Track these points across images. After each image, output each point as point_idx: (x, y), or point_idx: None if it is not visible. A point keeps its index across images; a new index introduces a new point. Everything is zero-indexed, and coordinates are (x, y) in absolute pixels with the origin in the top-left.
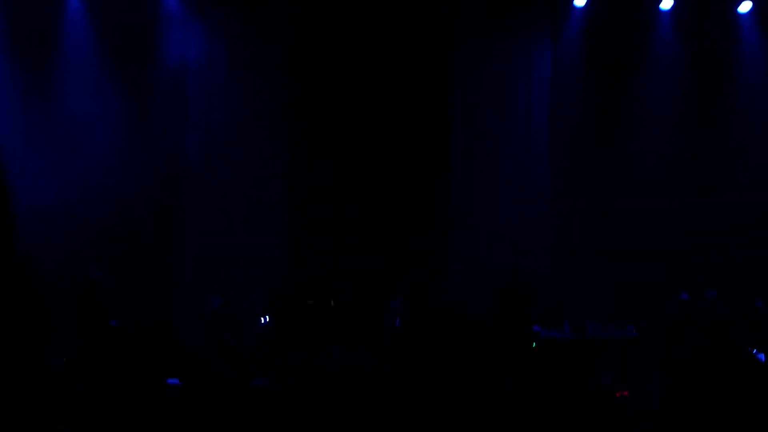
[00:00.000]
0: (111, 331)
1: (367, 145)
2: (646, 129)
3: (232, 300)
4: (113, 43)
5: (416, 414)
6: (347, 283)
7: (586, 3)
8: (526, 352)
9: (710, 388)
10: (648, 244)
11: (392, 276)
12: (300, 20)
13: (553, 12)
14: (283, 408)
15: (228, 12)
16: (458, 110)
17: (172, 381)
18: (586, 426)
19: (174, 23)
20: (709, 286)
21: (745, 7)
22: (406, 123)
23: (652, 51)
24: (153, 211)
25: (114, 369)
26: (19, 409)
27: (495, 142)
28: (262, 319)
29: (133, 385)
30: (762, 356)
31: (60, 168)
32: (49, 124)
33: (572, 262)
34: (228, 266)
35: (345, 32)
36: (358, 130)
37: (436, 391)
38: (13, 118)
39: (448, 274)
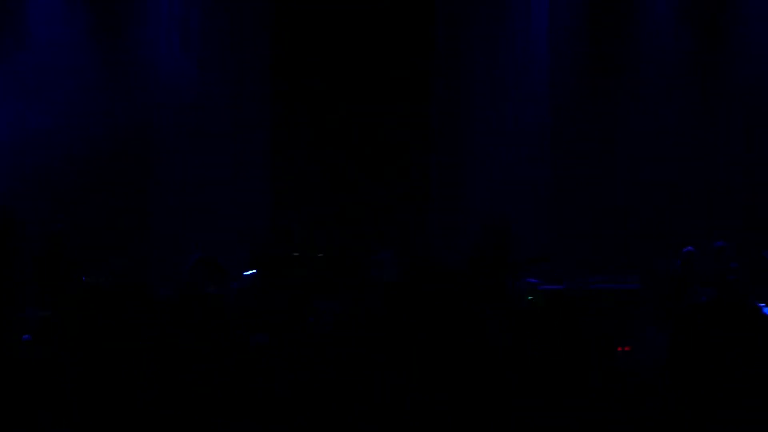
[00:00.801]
0: (81, 287)
1: (348, 93)
2: (651, 71)
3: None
4: None
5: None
6: (331, 234)
7: None
8: (506, 301)
9: (714, 343)
10: (653, 193)
11: (378, 227)
12: None
13: None
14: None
15: None
16: (443, 44)
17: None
18: (587, 382)
19: None
20: (716, 236)
21: None
22: (388, 64)
23: None
24: (125, 163)
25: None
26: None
27: (486, 81)
28: (246, 273)
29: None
30: None
31: (28, 118)
32: (18, 73)
33: (572, 209)
34: (207, 217)
35: None
36: (340, 77)
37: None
38: None
39: (434, 225)
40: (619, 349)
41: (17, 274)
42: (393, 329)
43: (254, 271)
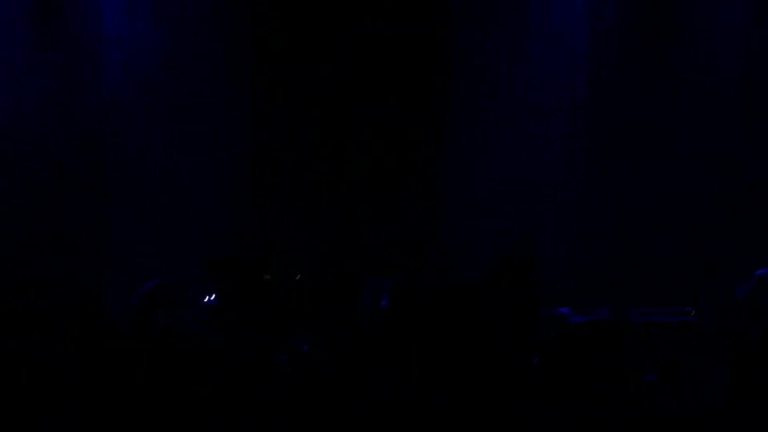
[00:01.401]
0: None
1: (346, 84)
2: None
3: (170, 274)
4: None
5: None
6: (316, 255)
7: None
8: (533, 335)
9: None
10: (714, 208)
11: (372, 248)
12: None
13: None
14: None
15: None
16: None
17: None
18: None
19: None
20: None
21: None
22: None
23: None
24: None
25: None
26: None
27: (508, 75)
28: (207, 296)
29: None
30: None
31: None
32: None
33: (612, 226)
34: (166, 228)
35: None
36: (333, 69)
37: (430, 389)
38: None
39: (441, 245)
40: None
41: None
42: (387, 372)
43: (212, 297)
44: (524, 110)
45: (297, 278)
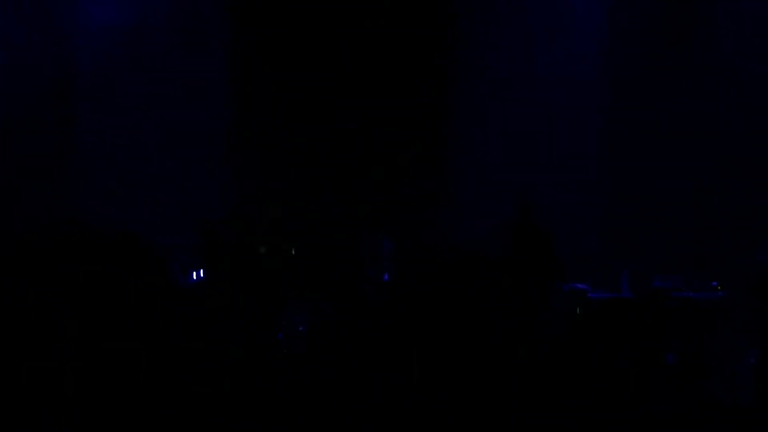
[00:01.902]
0: None
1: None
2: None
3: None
4: None
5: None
6: (313, 221)
7: None
8: (549, 314)
9: None
10: (738, 176)
11: (375, 211)
12: None
13: None
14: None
15: None
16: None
17: None
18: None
19: None
20: None
21: None
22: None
23: None
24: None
25: None
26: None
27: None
28: (194, 273)
29: None
30: None
31: None
32: None
33: (631, 196)
34: (148, 196)
35: None
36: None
37: (437, 372)
38: None
39: (451, 209)
40: None
41: None
42: (397, 352)
43: (201, 270)
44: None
45: (291, 250)
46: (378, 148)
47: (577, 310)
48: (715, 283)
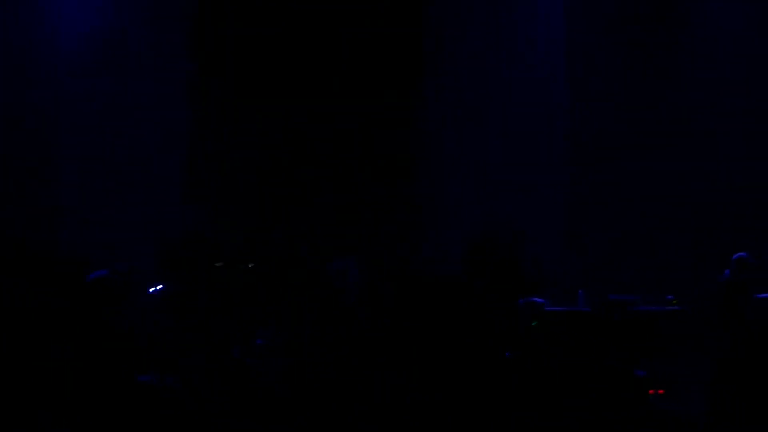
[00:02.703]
0: None
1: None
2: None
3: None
4: None
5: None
6: (274, 237)
7: None
8: (514, 327)
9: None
10: (695, 194)
11: (341, 228)
12: None
13: None
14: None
15: None
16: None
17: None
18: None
19: None
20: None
21: None
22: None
23: None
24: None
25: None
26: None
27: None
28: (153, 287)
29: None
30: None
31: None
32: None
33: (589, 213)
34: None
35: None
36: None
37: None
38: None
39: (419, 227)
40: (651, 392)
41: None
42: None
43: (160, 286)
44: (503, 107)
45: (249, 265)
46: (346, 165)
47: (534, 323)
48: (670, 297)
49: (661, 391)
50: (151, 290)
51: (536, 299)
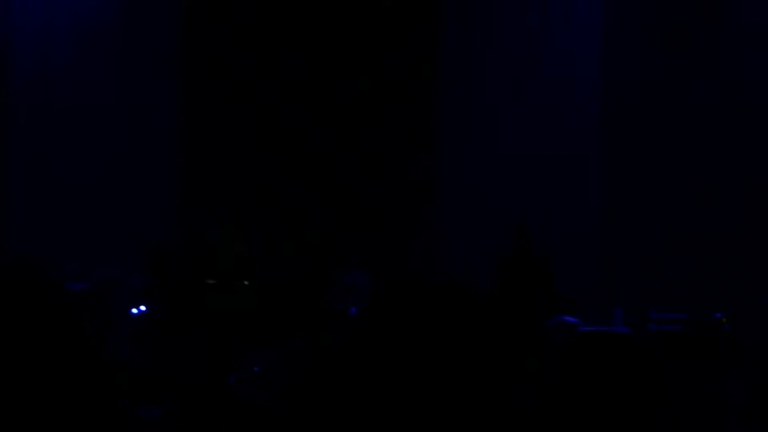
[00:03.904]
0: None
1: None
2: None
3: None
4: None
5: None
6: (274, 252)
7: None
8: (543, 350)
9: None
10: (734, 213)
11: (345, 237)
12: None
13: None
14: None
15: None
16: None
17: None
18: None
19: None
20: None
21: None
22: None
23: None
24: None
25: None
26: None
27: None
28: (135, 308)
29: None
30: None
31: None
32: None
33: (630, 227)
34: (83, 221)
35: None
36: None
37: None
38: None
39: (434, 238)
40: None
41: None
42: (366, 398)
43: (144, 308)
44: (522, 108)
45: (244, 283)
46: (352, 171)
47: (566, 345)
48: (719, 315)
49: None
50: (133, 312)
51: (569, 318)
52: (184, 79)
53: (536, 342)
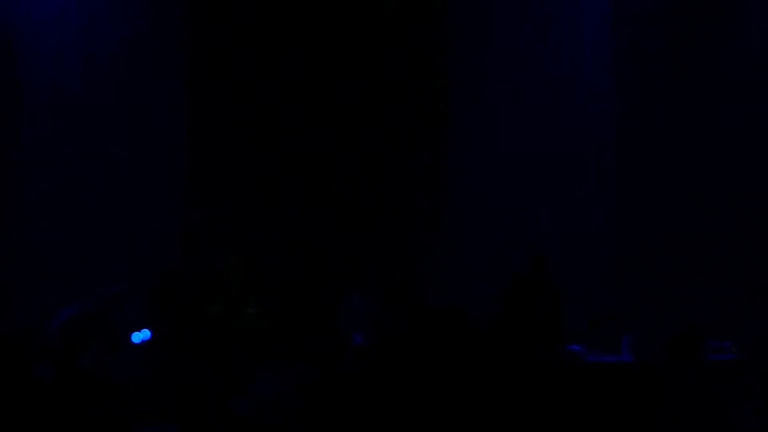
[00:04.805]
0: None
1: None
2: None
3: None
4: None
5: None
6: (277, 273)
7: None
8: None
9: None
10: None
11: (352, 262)
12: None
13: None
14: None
15: None
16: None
17: None
18: None
19: None
20: None
21: None
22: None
23: None
24: None
25: None
26: None
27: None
28: (139, 334)
29: None
30: None
31: None
32: None
33: (638, 252)
34: (89, 235)
35: None
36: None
37: None
38: None
39: (443, 262)
40: None
41: None
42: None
43: (148, 333)
44: (539, 115)
45: (251, 309)
46: (360, 189)
47: (571, 376)
48: (728, 344)
49: None
50: (135, 339)
51: (574, 347)
52: (188, 81)
53: (541, 370)
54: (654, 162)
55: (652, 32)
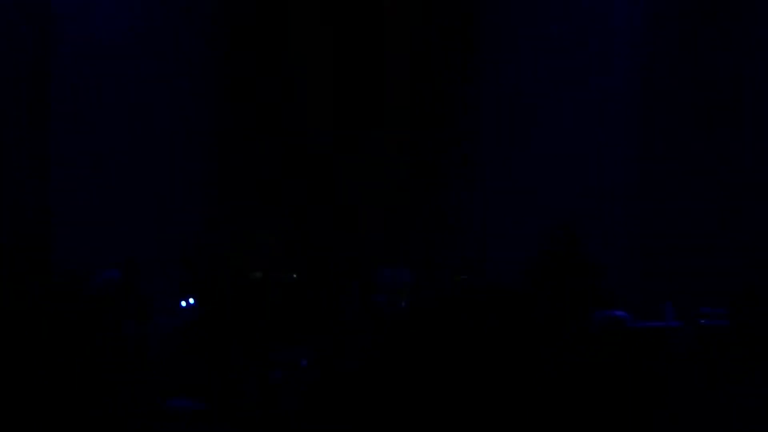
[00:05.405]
0: None
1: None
2: None
3: (133, 269)
4: None
5: None
6: (317, 247)
7: None
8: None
9: None
10: None
11: (391, 237)
12: None
13: None
14: None
15: None
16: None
17: None
18: None
19: None
20: None
21: None
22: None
23: None
24: None
25: None
26: None
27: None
28: (183, 301)
29: None
30: None
31: None
32: None
33: (675, 216)
34: (119, 216)
35: None
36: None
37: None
38: None
39: (475, 236)
40: None
41: None
42: (411, 394)
43: (192, 301)
44: (559, 103)
45: (293, 276)
46: (396, 170)
47: (615, 341)
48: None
49: None
50: (183, 305)
51: (617, 313)
52: (216, 89)
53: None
54: (678, 138)
55: (681, 26)
